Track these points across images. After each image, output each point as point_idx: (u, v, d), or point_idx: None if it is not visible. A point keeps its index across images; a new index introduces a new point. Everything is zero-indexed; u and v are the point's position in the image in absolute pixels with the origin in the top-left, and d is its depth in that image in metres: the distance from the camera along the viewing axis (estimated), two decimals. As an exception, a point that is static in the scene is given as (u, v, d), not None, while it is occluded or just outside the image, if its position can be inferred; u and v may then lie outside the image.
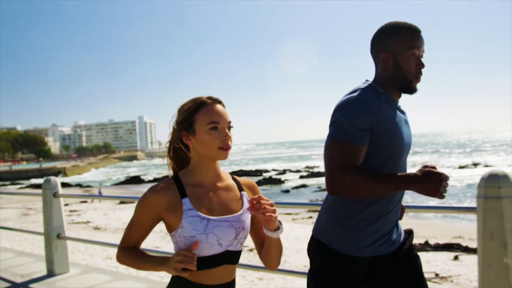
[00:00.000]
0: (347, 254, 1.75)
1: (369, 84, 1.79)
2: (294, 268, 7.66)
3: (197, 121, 1.54)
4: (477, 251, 2.39)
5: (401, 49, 1.74)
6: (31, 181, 56.10)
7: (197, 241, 1.48)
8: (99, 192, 30.88)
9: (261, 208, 1.46)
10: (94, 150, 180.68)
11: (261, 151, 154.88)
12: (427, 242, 10.62)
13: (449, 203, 18.91)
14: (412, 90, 1.79)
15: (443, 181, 1.58)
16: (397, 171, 1.76)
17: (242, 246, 1.61)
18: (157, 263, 1.51)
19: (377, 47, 1.80)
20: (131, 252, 1.59)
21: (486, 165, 41.84)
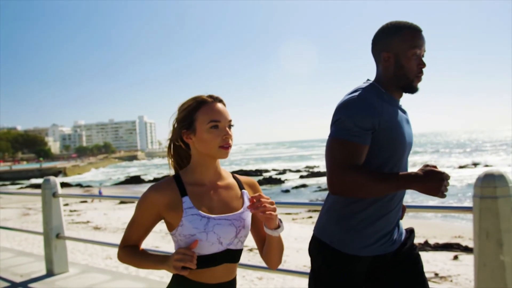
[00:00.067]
0: (348, 253, 1.75)
1: (371, 84, 1.79)
2: (293, 268, 7.67)
3: (198, 120, 1.54)
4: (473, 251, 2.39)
5: (402, 48, 1.74)
6: (31, 181, 56.13)
7: (197, 239, 1.48)
8: (99, 192, 30.89)
9: (261, 206, 1.45)
10: (94, 150, 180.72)
11: (261, 151, 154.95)
12: (426, 242, 10.63)
13: (449, 202, 18.91)
14: (413, 90, 1.79)
15: (445, 180, 1.58)
16: (398, 170, 1.76)
17: (243, 245, 1.61)
18: (157, 262, 1.51)
19: (378, 47, 1.80)
20: (131, 251, 1.59)
21: (486, 165, 41.83)
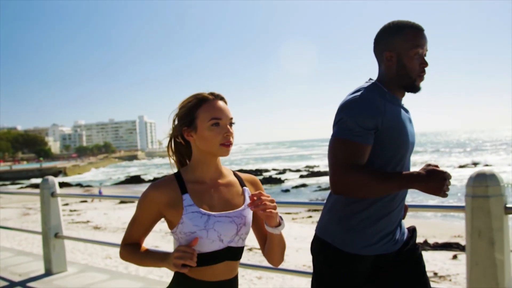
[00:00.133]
0: (351, 252, 1.74)
1: (373, 83, 1.79)
2: (293, 267, 7.68)
3: (199, 117, 1.54)
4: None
5: (404, 48, 1.73)
6: (31, 181, 56.07)
7: (197, 237, 1.47)
8: (99, 191, 30.88)
9: (261, 204, 1.45)
10: (95, 149, 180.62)
11: (261, 150, 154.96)
12: (426, 241, 10.63)
13: (449, 202, 18.90)
14: (416, 89, 1.78)
15: (447, 180, 1.58)
16: (401, 169, 1.75)
17: (244, 242, 1.60)
18: (157, 259, 1.51)
19: (380, 46, 1.80)
20: (132, 249, 1.60)
21: (486, 164, 41.85)
